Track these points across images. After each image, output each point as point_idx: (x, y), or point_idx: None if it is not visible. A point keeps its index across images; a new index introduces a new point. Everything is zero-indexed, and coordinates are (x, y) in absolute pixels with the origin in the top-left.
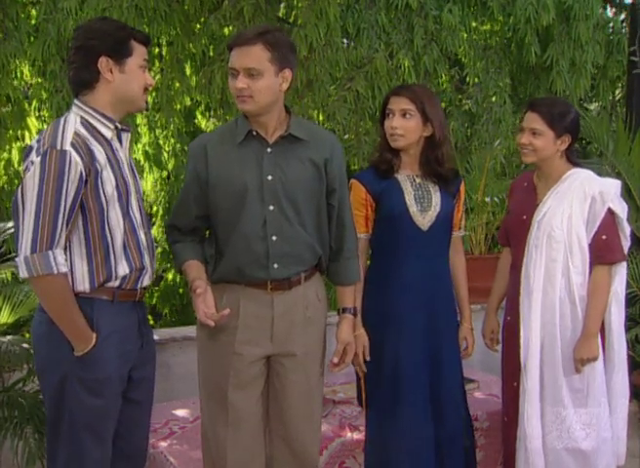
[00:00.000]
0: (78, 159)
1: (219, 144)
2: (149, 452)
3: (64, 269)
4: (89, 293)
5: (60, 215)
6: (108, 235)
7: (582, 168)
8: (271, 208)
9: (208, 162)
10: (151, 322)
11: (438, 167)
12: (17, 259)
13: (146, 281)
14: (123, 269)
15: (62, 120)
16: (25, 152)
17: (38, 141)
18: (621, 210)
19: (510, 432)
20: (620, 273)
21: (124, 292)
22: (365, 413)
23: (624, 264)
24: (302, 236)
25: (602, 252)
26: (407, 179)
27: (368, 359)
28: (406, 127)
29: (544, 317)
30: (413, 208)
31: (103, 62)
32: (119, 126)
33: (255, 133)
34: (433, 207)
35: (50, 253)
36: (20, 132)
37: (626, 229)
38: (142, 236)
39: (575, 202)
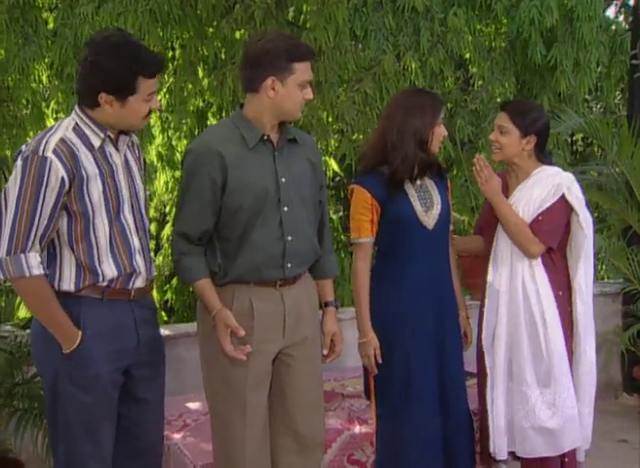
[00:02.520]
0: (60, 166)
1: (231, 148)
2: (164, 444)
3: (37, 272)
4: (76, 292)
5: (37, 220)
6: (93, 239)
7: (553, 165)
8: (286, 209)
9: (226, 167)
10: (165, 318)
11: (435, 158)
12: None
13: (139, 283)
14: (111, 272)
15: (57, 124)
16: (15, 155)
17: (27, 145)
18: (575, 201)
19: (484, 418)
20: (586, 269)
21: (114, 291)
22: (374, 409)
23: (591, 260)
24: (311, 235)
25: (533, 230)
26: (409, 182)
27: (380, 361)
28: None
29: (509, 302)
30: (419, 208)
31: (104, 97)
32: (111, 135)
33: (266, 137)
34: (435, 205)
35: (22, 256)
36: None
37: (585, 221)
38: (136, 240)
39: (535, 192)
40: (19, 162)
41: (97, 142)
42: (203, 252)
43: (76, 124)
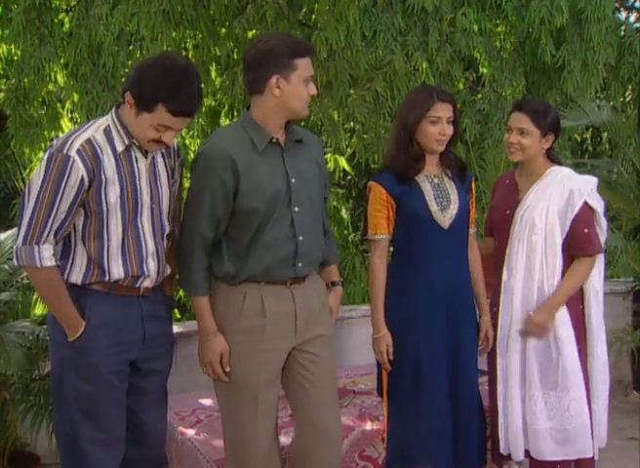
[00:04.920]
0: (81, 165)
1: (243, 153)
2: (178, 440)
3: (49, 263)
4: (84, 285)
5: (53, 214)
6: (105, 238)
7: (563, 165)
8: (296, 209)
9: (238, 171)
10: (177, 315)
11: (456, 157)
12: (14, 248)
13: (147, 284)
14: (118, 273)
15: (90, 122)
16: (46, 149)
17: (57, 141)
18: (598, 204)
19: (496, 415)
20: (599, 267)
21: (122, 287)
22: (386, 406)
23: (602, 259)
24: (320, 235)
25: (585, 244)
26: (425, 180)
27: (391, 358)
28: (450, 132)
29: (524, 305)
30: (434, 208)
31: (128, 96)
32: (137, 143)
33: (275, 139)
34: (452, 205)
35: (36, 247)
36: (54, 133)
37: (603, 223)
38: (150, 245)
39: (554, 196)
40: (45, 157)
41: (120, 147)
42: (209, 264)
43: (108, 126)
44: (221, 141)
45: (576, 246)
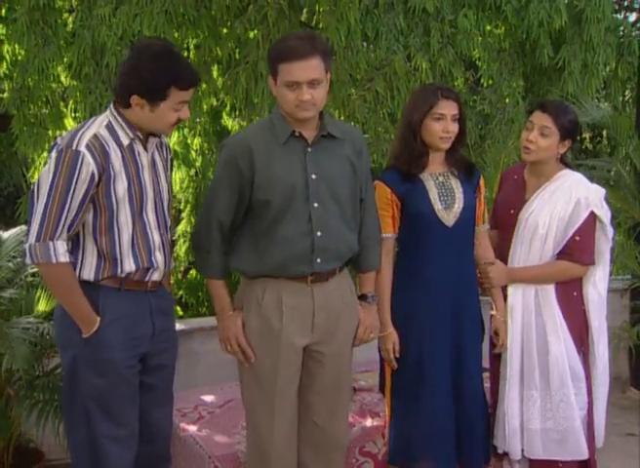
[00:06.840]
0: (91, 160)
1: (262, 145)
2: (180, 436)
3: (64, 259)
4: (95, 281)
5: (66, 210)
6: (116, 233)
7: (574, 170)
8: (316, 205)
9: (254, 163)
10: (180, 313)
11: (462, 157)
12: (25, 246)
13: (156, 277)
14: (129, 266)
15: (91, 120)
16: (51, 146)
17: (62, 138)
18: (605, 214)
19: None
20: (604, 271)
21: (132, 282)
22: (388, 403)
23: (607, 263)
24: (344, 232)
25: (571, 250)
26: (430, 178)
27: (397, 356)
28: (455, 130)
29: (524, 309)
30: (437, 206)
31: (135, 99)
32: (140, 136)
33: (297, 133)
34: (457, 203)
35: (50, 243)
36: (58, 132)
37: (609, 233)
38: (157, 237)
39: (560, 202)
40: (53, 154)
41: (125, 141)
42: (227, 250)
43: (109, 122)
44: (246, 132)
45: (562, 250)
